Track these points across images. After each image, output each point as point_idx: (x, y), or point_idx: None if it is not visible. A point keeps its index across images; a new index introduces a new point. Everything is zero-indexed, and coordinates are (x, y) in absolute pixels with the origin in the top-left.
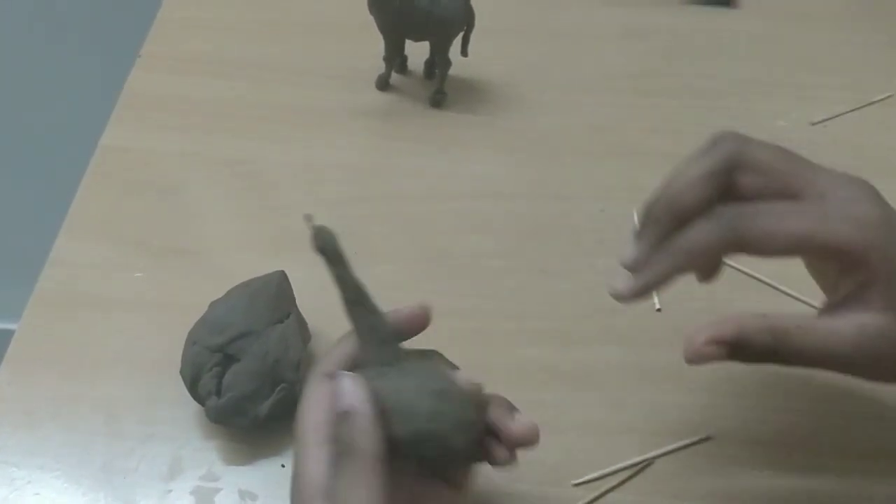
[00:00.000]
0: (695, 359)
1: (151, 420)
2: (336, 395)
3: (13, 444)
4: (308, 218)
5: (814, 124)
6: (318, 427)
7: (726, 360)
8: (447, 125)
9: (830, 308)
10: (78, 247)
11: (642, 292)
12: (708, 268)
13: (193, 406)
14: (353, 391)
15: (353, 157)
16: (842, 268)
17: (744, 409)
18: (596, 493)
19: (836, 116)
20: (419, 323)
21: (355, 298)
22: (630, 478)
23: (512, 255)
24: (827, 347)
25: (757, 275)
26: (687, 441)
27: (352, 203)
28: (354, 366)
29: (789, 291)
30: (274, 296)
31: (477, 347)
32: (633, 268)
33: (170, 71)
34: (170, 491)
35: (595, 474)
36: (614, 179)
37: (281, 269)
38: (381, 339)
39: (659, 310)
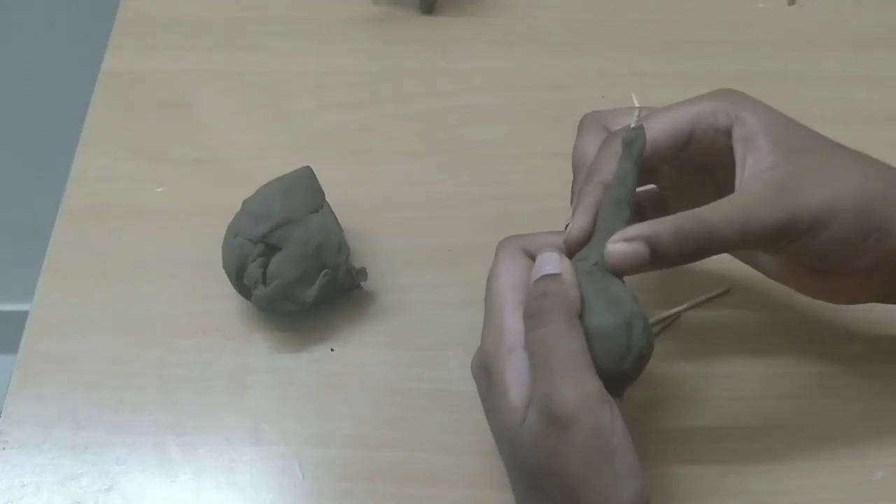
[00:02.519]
0: (619, 263)
1: (198, 317)
2: (542, 261)
3: (66, 352)
4: (637, 112)
5: (791, 4)
6: (515, 288)
7: (651, 266)
8: (442, 28)
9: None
10: (98, 162)
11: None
12: None
13: (237, 301)
14: (561, 262)
15: (356, 64)
16: (721, 135)
17: None
18: None
19: None
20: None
21: (619, 200)
22: (660, 332)
23: (523, 143)
24: (746, 215)
25: None
26: (709, 295)
27: (363, 106)
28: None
29: None
30: (307, 187)
31: (499, 230)
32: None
33: None
34: (224, 384)
35: None
36: (612, 67)
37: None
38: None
39: None
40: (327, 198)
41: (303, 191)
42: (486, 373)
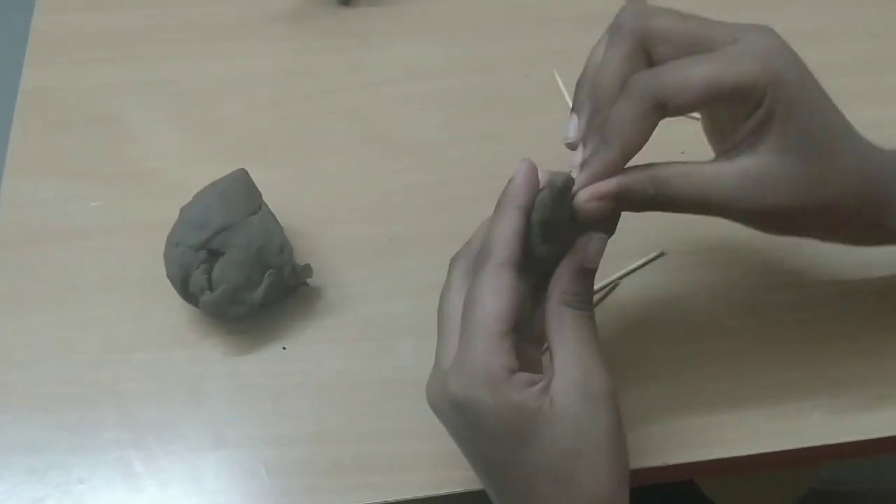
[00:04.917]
0: (585, 217)
1: (147, 330)
2: (591, 254)
3: (16, 380)
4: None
5: None
6: (500, 318)
7: (615, 212)
8: (361, 19)
9: (721, 155)
10: (27, 185)
11: (598, 190)
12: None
13: (184, 310)
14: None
15: (278, 62)
16: (746, 111)
17: (691, 224)
18: None
19: None
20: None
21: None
22: (602, 300)
23: (452, 129)
24: (707, 193)
25: None
26: (643, 259)
27: (288, 104)
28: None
29: None
30: (244, 189)
31: (437, 217)
32: (575, 146)
33: (73, 9)
34: (180, 393)
35: None
36: (530, 46)
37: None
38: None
39: None
40: (264, 198)
41: (239, 193)
42: (465, 407)
